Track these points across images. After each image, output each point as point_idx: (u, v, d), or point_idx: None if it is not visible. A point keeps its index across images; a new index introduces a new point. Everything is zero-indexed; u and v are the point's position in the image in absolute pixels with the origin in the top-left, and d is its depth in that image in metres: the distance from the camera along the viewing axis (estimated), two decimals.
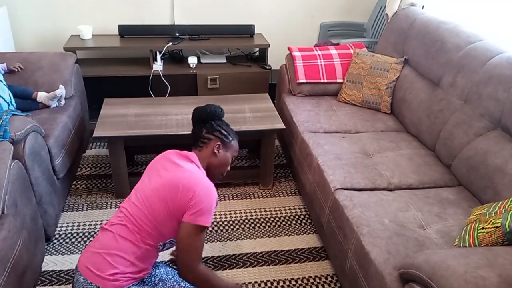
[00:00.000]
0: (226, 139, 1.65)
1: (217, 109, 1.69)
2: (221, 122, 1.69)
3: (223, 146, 1.65)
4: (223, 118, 1.72)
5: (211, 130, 1.65)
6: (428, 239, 1.66)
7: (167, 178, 1.48)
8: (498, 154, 1.89)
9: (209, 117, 1.67)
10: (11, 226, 1.59)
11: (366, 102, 2.79)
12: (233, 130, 1.72)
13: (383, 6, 3.44)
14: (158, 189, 1.46)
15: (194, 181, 1.46)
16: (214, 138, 1.64)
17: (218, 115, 1.69)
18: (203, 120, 1.67)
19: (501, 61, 2.05)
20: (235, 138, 1.70)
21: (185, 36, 3.45)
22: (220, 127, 1.67)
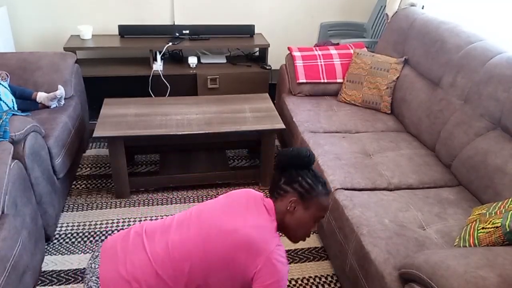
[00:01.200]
0: (306, 193, 1.33)
1: (301, 153, 1.37)
2: (306, 172, 1.36)
3: (301, 203, 1.34)
4: (312, 167, 1.40)
5: (289, 180, 1.35)
6: (428, 239, 1.66)
7: (232, 226, 1.26)
8: (498, 154, 1.89)
9: (292, 161, 1.37)
10: (11, 226, 1.59)
11: (366, 102, 2.79)
12: (322, 183, 1.37)
13: (383, 6, 3.44)
14: (220, 235, 1.25)
15: (265, 248, 1.23)
16: (291, 190, 1.34)
17: (303, 161, 1.36)
18: (284, 166, 1.38)
19: (501, 61, 2.05)
20: (321, 194, 1.34)
21: (185, 36, 3.45)
22: (302, 177, 1.34)
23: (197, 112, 2.61)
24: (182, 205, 2.53)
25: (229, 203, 1.36)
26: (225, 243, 1.24)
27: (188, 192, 2.65)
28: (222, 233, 1.25)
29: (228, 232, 1.25)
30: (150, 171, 2.85)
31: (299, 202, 1.33)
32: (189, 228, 1.29)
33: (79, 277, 2.02)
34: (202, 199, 2.59)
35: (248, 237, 1.23)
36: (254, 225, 1.27)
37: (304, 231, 1.37)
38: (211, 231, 1.26)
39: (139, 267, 1.23)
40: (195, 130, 2.40)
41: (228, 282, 1.26)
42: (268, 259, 1.22)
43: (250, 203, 1.35)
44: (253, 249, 1.22)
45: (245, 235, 1.24)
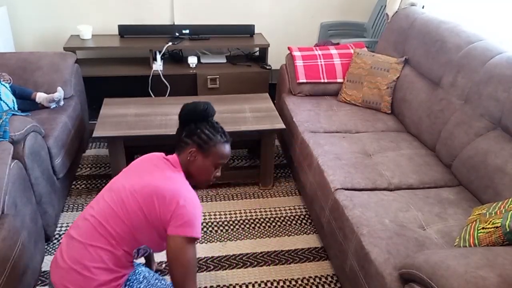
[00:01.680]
0: (204, 144, 1.45)
1: (198, 107, 1.47)
2: (204, 124, 1.47)
3: (201, 153, 1.46)
4: (210, 118, 1.50)
5: (188, 133, 1.47)
6: (428, 239, 1.66)
7: (147, 183, 1.38)
8: (498, 154, 1.89)
9: (191, 116, 1.47)
10: (11, 226, 1.59)
11: (366, 102, 2.79)
12: (221, 132, 1.49)
13: (383, 6, 3.44)
14: (136, 192, 1.37)
15: (177, 191, 1.36)
16: (191, 142, 1.46)
17: (200, 114, 1.47)
18: (184, 120, 1.49)
19: (501, 61, 2.05)
20: (219, 142, 1.47)
21: (185, 36, 3.45)
22: (201, 129, 1.46)
23: None
24: None
25: (134, 168, 1.49)
26: (138, 200, 1.36)
27: None
28: (133, 193, 1.37)
29: (138, 190, 1.37)
30: None
31: (198, 152, 1.46)
32: (105, 201, 1.40)
33: None
34: (202, 199, 2.59)
35: (156, 188, 1.36)
36: (161, 177, 1.40)
37: (205, 177, 1.50)
38: (123, 195, 1.38)
39: (75, 251, 1.35)
40: None
41: (153, 234, 1.38)
42: (178, 202, 1.34)
43: (154, 162, 1.48)
44: (164, 197, 1.34)
45: (154, 187, 1.36)
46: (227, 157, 1.52)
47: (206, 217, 2.45)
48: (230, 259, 2.17)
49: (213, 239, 2.29)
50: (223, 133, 1.50)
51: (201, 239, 2.28)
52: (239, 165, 2.96)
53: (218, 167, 1.52)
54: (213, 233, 2.34)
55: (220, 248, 2.24)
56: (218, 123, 1.51)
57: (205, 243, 2.26)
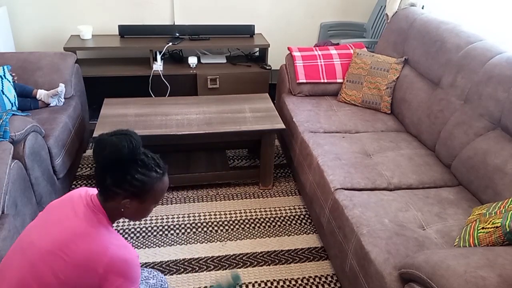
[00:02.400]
0: (139, 191, 1.20)
1: (123, 151, 1.15)
2: (133, 167, 1.19)
3: (137, 200, 1.22)
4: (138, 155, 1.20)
5: (116, 182, 1.19)
6: (428, 239, 1.66)
7: (57, 244, 1.13)
8: (498, 154, 1.89)
9: (114, 164, 1.17)
10: (11, 226, 1.59)
11: (366, 102, 2.79)
12: (155, 167, 1.22)
13: (383, 6, 3.44)
14: (46, 257, 1.12)
15: (99, 255, 1.13)
16: (122, 192, 1.19)
17: (126, 159, 1.17)
18: (106, 166, 1.18)
19: (501, 61, 2.05)
20: (156, 181, 1.22)
21: (185, 36, 3.45)
22: (131, 175, 1.18)
23: (197, 112, 2.61)
24: (182, 205, 2.53)
25: (50, 218, 1.23)
26: (50, 265, 1.12)
27: (188, 192, 2.65)
28: (45, 254, 1.13)
29: (50, 252, 1.13)
30: None
31: (133, 200, 1.22)
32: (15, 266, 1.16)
33: None
34: (202, 199, 2.59)
35: (76, 256, 1.12)
36: (80, 238, 1.14)
37: (144, 215, 1.29)
38: (33, 254, 1.14)
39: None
40: (195, 130, 2.41)
41: None
42: (107, 265, 1.13)
43: (70, 208, 1.22)
44: (87, 265, 1.12)
45: (72, 255, 1.12)
46: (166, 189, 1.29)
47: (206, 217, 2.45)
48: (230, 259, 2.17)
49: (213, 239, 2.29)
50: (157, 166, 1.24)
51: (201, 239, 2.29)
52: (239, 165, 2.96)
53: (158, 203, 1.34)
54: (213, 233, 2.34)
55: (220, 248, 2.24)
56: (147, 154, 1.24)
57: (205, 243, 2.26)
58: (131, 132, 1.21)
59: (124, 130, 1.21)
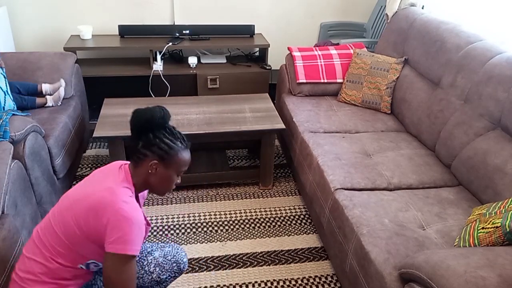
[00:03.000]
0: (166, 155, 1.35)
1: (155, 114, 1.34)
2: (162, 132, 1.36)
3: (163, 164, 1.36)
4: (167, 124, 1.38)
5: (147, 144, 1.34)
6: (428, 239, 1.66)
7: (86, 194, 1.30)
8: (498, 154, 1.89)
9: (147, 125, 1.35)
10: (11, 226, 1.59)
11: (366, 102, 2.79)
12: (180, 139, 1.39)
13: (383, 6, 3.44)
14: (75, 205, 1.30)
15: (112, 204, 1.25)
16: (150, 154, 1.34)
17: (158, 122, 1.35)
18: (140, 129, 1.35)
19: (501, 61, 2.05)
20: (180, 150, 1.37)
21: (185, 36, 3.45)
22: (160, 139, 1.34)
23: (197, 112, 2.61)
24: (182, 205, 2.53)
25: (91, 177, 1.41)
26: (75, 213, 1.28)
27: (188, 192, 2.65)
28: (73, 205, 1.30)
29: (76, 202, 1.30)
30: None
31: (159, 164, 1.35)
32: (49, 213, 1.37)
33: None
34: (202, 199, 2.59)
35: (92, 199, 1.27)
36: (100, 189, 1.30)
37: (168, 185, 1.41)
38: (63, 208, 1.33)
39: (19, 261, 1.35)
40: (195, 130, 2.41)
41: (96, 249, 1.30)
42: (112, 215, 1.24)
43: (108, 171, 1.39)
44: (98, 209, 1.26)
45: (91, 199, 1.28)
46: (188, 163, 1.43)
47: (206, 217, 2.45)
48: (230, 259, 2.17)
49: (213, 239, 2.29)
50: (183, 139, 1.40)
51: (201, 239, 2.29)
52: (239, 165, 2.96)
53: (180, 174, 1.43)
54: (213, 233, 2.34)
55: (220, 248, 2.24)
56: (175, 128, 1.41)
57: (205, 243, 2.26)
58: (163, 107, 1.38)
59: (157, 105, 1.38)
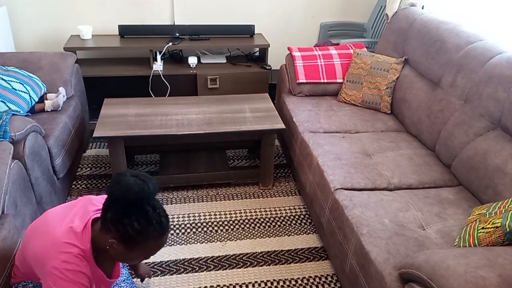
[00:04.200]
0: (129, 239, 1.18)
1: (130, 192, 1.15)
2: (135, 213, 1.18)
3: (123, 245, 1.20)
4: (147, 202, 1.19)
5: (113, 219, 1.18)
6: (428, 239, 1.66)
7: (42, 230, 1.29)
8: (498, 154, 1.89)
9: (121, 197, 1.17)
10: (11, 226, 1.59)
11: (366, 102, 2.79)
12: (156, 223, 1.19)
13: (383, 6, 3.44)
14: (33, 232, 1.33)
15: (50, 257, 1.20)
16: (113, 231, 1.19)
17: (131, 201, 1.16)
18: (113, 200, 1.20)
19: (501, 61, 2.05)
20: (151, 237, 1.19)
21: (185, 36, 3.45)
22: (130, 220, 1.16)
23: (197, 112, 2.61)
24: (182, 205, 2.53)
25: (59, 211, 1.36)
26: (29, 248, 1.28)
27: (188, 192, 2.65)
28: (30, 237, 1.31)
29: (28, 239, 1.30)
30: (150, 171, 2.85)
31: (120, 243, 1.20)
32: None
33: None
34: (202, 199, 2.59)
35: (38, 248, 1.24)
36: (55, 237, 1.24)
37: (128, 262, 1.27)
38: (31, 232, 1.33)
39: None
40: (195, 130, 2.41)
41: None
42: (47, 273, 1.19)
43: (70, 216, 1.31)
44: (38, 261, 1.23)
45: (37, 247, 1.24)
46: (159, 248, 1.26)
47: (206, 217, 2.45)
48: (230, 259, 2.17)
49: (213, 239, 2.29)
50: (159, 223, 1.20)
51: (201, 239, 2.29)
52: (239, 165, 2.96)
53: (148, 257, 1.27)
54: (213, 233, 2.34)
55: (220, 248, 2.24)
56: (156, 209, 1.21)
57: (205, 243, 2.26)
58: (151, 181, 1.19)
59: (145, 176, 1.20)
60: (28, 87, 2.39)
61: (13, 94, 2.29)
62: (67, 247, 1.22)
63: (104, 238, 1.23)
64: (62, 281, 1.18)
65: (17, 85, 2.34)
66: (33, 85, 2.43)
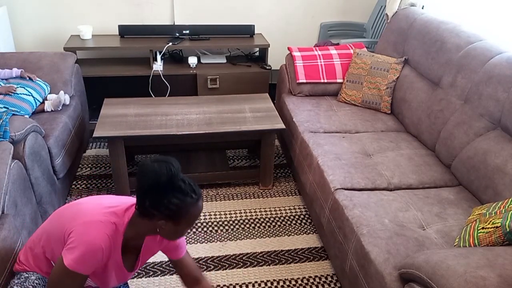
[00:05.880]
0: (174, 214, 1.26)
1: (161, 178, 1.22)
2: (170, 192, 1.24)
3: (172, 222, 1.28)
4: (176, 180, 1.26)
5: (154, 204, 1.25)
6: (428, 239, 1.66)
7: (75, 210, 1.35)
8: (498, 154, 1.89)
9: (154, 183, 1.23)
10: (11, 226, 1.59)
11: (366, 102, 2.79)
12: (191, 192, 1.27)
13: (383, 6, 3.44)
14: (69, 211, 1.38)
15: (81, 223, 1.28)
16: (158, 214, 1.26)
17: (165, 183, 1.23)
18: (146, 187, 1.25)
19: (501, 61, 2.05)
20: (190, 206, 1.27)
21: (185, 36, 3.45)
22: (168, 200, 1.24)
23: (197, 112, 2.61)
24: None
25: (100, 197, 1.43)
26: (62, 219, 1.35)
27: None
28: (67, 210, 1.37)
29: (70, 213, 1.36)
30: None
31: (168, 222, 1.27)
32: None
33: None
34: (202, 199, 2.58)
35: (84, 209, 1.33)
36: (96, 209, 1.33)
37: (180, 235, 1.37)
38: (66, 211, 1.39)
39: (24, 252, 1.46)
40: (195, 130, 2.41)
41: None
42: (79, 224, 1.27)
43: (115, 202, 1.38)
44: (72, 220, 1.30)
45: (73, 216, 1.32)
46: (200, 213, 1.35)
47: (206, 217, 2.45)
48: (230, 259, 2.17)
49: (213, 239, 2.29)
50: (193, 192, 1.29)
51: (201, 239, 2.29)
52: (239, 165, 2.96)
53: (192, 225, 1.36)
54: (213, 233, 2.34)
55: (220, 248, 2.24)
56: (185, 181, 1.29)
57: (205, 243, 2.26)
58: (172, 159, 1.27)
59: (165, 158, 1.27)
60: (31, 89, 2.39)
61: (16, 98, 2.29)
62: (107, 215, 1.31)
63: (146, 224, 1.31)
64: (93, 231, 1.26)
65: (19, 89, 2.34)
66: (35, 86, 2.43)
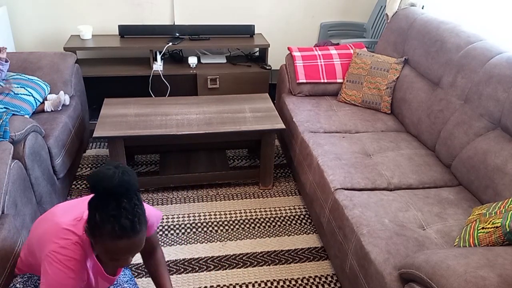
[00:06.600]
0: (90, 229, 1.14)
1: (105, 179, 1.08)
2: (108, 203, 1.09)
3: (90, 234, 1.15)
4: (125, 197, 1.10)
5: (90, 203, 1.14)
6: (428, 239, 1.66)
7: (49, 220, 1.31)
8: (498, 154, 1.89)
9: (98, 186, 1.10)
10: (11, 226, 1.59)
11: (366, 102, 2.79)
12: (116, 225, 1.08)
13: (383, 6, 3.44)
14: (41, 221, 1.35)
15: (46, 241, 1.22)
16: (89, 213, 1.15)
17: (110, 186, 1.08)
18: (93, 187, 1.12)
19: (501, 61, 2.05)
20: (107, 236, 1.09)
21: (185, 36, 3.45)
22: (97, 210, 1.10)
23: (197, 112, 2.61)
24: (182, 205, 2.53)
25: (67, 203, 1.38)
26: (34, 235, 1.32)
27: (188, 192, 2.65)
28: (39, 222, 1.34)
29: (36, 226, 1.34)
30: (150, 171, 2.85)
31: (88, 231, 1.16)
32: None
33: None
34: (202, 199, 2.59)
35: (42, 233, 1.27)
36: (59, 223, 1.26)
37: (103, 258, 1.19)
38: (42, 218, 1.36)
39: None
40: (195, 130, 2.41)
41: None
42: (45, 257, 1.21)
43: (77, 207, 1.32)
44: (40, 245, 1.26)
45: (41, 232, 1.28)
46: (118, 254, 1.14)
47: (206, 217, 2.45)
48: (230, 259, 2.17)
49: (213, 239, 2.29)
50: (121, 227, 1.08)
51: (201, 239, 2.29)
52: (239, 165, 2.96)
53: (114, 260, 1.17)
54: (213, 233, 2.34)
55: (220, 248, 2.24)
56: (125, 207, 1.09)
57: (205, 243, 2.26)
58: (128, 170, 1.12)
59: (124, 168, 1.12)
60: (31, 89, 2.39)
61: (16, 99, 2.29)
62: (67, 233, 1.23)
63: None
64: (56, 264, 1.19)
65: (18, 89, 2.34)
66: (35, 86, 2.43)
